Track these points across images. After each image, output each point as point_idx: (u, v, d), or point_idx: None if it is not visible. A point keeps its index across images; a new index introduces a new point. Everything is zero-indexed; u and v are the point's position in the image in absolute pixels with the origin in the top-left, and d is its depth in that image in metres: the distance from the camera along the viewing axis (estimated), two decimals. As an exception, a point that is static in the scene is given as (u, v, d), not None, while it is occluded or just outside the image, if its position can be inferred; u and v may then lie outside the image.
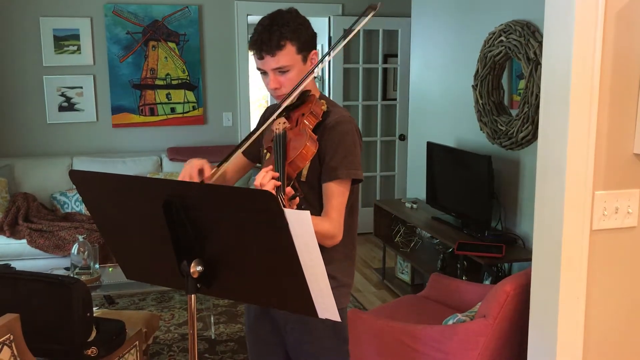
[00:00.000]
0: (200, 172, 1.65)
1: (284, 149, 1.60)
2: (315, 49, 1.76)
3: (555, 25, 1.77)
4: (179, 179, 1.64)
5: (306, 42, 1.70)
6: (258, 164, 1.95)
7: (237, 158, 1.91)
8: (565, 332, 1.82)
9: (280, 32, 1.65)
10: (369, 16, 1.63)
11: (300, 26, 1.69)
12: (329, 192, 1.69)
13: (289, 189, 1.48)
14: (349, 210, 1.75)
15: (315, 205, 1.71)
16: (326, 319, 1.69)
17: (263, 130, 1.69)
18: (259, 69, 1.74)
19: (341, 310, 1.79)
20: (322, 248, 1.67)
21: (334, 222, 1.67)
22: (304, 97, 1.74)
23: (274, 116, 1.69)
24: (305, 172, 1.70)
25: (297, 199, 1.46)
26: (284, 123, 1.68)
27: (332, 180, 1.68)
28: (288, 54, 1.67)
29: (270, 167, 1.54)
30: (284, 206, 1.41)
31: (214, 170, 1.65)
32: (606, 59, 1.71)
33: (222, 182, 1.88)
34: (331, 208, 1.68)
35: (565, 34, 1.71)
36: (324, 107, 1.72)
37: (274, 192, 1.44)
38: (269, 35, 1.65)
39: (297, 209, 1.43)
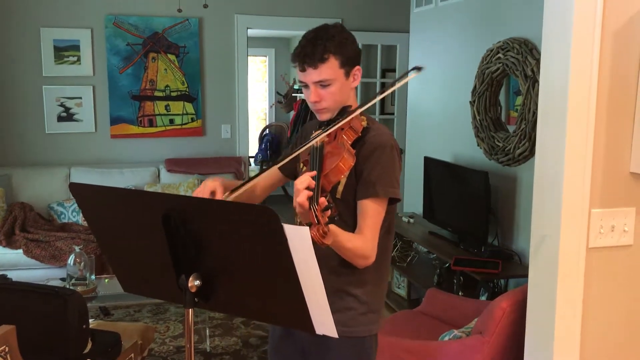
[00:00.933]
0: (212, 194, 1.61)
1: (320, 161, 1.56)
2: (359, 64, 1.73)
3: (553, 43, 1.79)
4: None
5: (350, 57, 1.68)
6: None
7: (272, 173, 1.88)
8: (562, 349, 1.82)
9: (324, 46, 1.63)
10: (411, 76, 1.65)
11: (345, 41, 1.67)
12: (365, 210, 1.63)
13: (322, 200, 1.41)
14: (384, 231, 1.70)
15: (350, 223, 1.65)
16: (352, 346, 1.67)
17: (303, 148, 1.64)
18: (300, 81, 1.70)
19: (369, 338, 1.74)
20: (353, 269, 1.63)
21: (367, 241, 1.60)
22: (344, 112, 1.70)
23: (318, 135, 1.64)
24: (341, 188, 1.66)
25: (330, 210, 1.40)
26: (322, 137, 1.64)
27: (368, 198, 1.62)
28: (331, 68, 1.64)
29: (312, 173, 1.48)
30: (316, 216, 1.37)
31: (226, 194, 1.61)
32: (603, 77, 1.73)
33: (250, 196, 1.84)
34: (366, 226, 1.61)
35: (563, 52, 1.73)
36: (364, 123, 1.68)
37: (307, 201, 1.40)
38: (313, 48, 1.63)
39: (329, 220, 1.39)
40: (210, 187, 1.62)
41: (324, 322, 1.29)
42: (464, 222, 3.85)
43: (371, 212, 1.62)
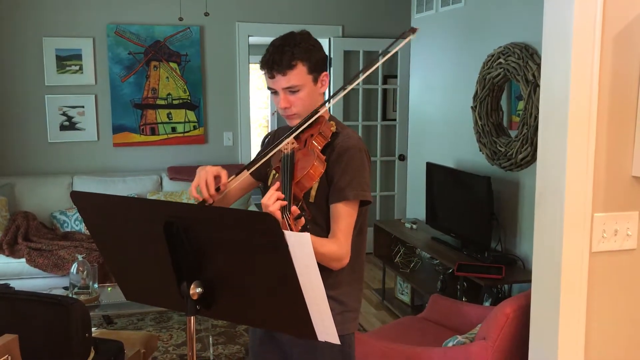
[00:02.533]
0: (217, 178, 1.63)
1: (291, 169, 1.60)
2: (327, 70, 1.77)
3: (553, 48, 1.79)
4: (193, 185, 1.63)
5: (317, 63, 1.72)
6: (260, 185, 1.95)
7: (244, 176, 1.90)
8: (566, 354, 1.81)
9: (292, 52, 1.67)
10: (408, 39, 1.66)
11: (312, 47, 1.71)
12: (337, 214, 1.67)
13: (294, 208, 1.47)
14: (357, 233, 1.74)
15: (323, 227, 1.70)
16: (334, 346, 1.68)
17: (272, 153, 1.68)
18: (269, 88, 1.74)
19: (348, 336, 1.77)
20: (329, 271, 1.66)
21: (341, 244, 1.65)
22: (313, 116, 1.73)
23: (286, 137, 1.68)
24: (313, 192, 1.70)
25: (303, 219, 1.45)
26: (293, 144, 1.68)
27: (340, 202, 1.66)
28: (299, 74, 1.68)
29: (277, 185, 1.53)
30: (289, 225, 1.40)
31: (231, 178, 1.64)
32: (604, 81, 1.73)
33: (223, 199, 1.86)
34: (338, 230, 1.66)
35: (564, 56, 1.73)
36: (333, 129, 1.72)
37: (279, 211, 1.43)
38: (281, 55, 1.67)
39: (302, 229, 1.42)
40: (212, 172, 1.63)
41: (326, 328, 1.29)
42: (467, 228, 3.84)
43: (343, 215, 1.67)
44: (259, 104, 9.14)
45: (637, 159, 1.77)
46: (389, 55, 1.74)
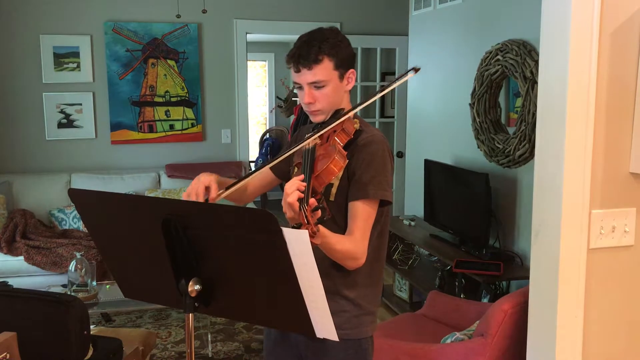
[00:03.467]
0: (207, 190, 1.61)
1: (311, 163, 1.56)
2: (354, 68, 1.74)
3: (551, 44, 1.79)
4: (185, 194, 1.61)
5: (344, 59, 1.70)
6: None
7: (264, 173, 1.88)
8: (564, 350, 1.81)
9: (319, 47, 1.65)
10: (409, 76, 1.66)
11: (340, 43, 1.69)
12: (355, 211, 1.63)
13: (312, 200, 1.41)
14: (377, 234, 1.71)
15: (342, 226, 1.65)
16: (348, 348, 1.67)
17: (295, 149, 1.66)
18: (295, 82, 1.72)
19: (365, 340, 1.74)
20: (346, 271, 1.64)
21: (357, 242, 1.60)
22: (337, 116, 1.71)
23: (309, 137, 1.65)
24: (334, 190, 1.66)
25: (320, 211, 1.40)
26: (315, 139, 1.65)
27: (359, 199, 1.62)
28: (325, 69, 1.66)
29: (300, 177, 1.49)
30: (306, 217, 1.37)
31: (220, 192, 1.62)
32: (601, 78, 1.73)
33: (240, 195, 1.85)
34: (356, 228, 1.61)
35: (561, 53, 1.73)
36: (357, 126, 1.70)
37: (297, 202, 1.40)
38: (308, 49, 1.65)
39: (318, 221, 1.39)
40: (204, 182, 1.62)
41: (324, 325, 1.29)
42: (465, 225, 3.84)
43: (362, 213, 1.62)
44: (257, 102, 9.13)
45: (635, 155, 1.77)
46: (387, 90, 1.73)
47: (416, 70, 1.63)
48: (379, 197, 1.64)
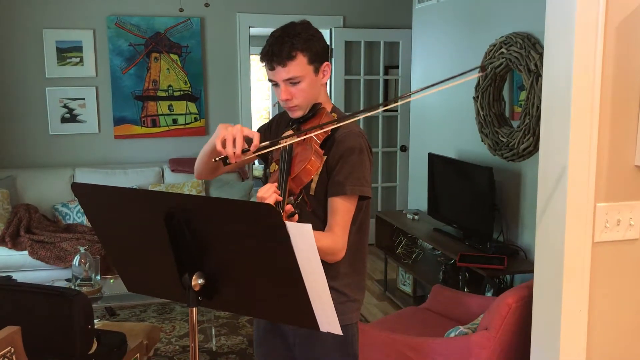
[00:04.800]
0: (248, 140, 1.56)
1: (288, 164, 1.57)
2: (328, 60, 1.73)
3: (556, 37, 1.78)
4: (219, 137, 1.54)
5: (318, 53, 1.68)
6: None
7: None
8: (568, 344, 1.81)
9: (291, 43, 1.63)
10: (474, 75, 1.62)
11: (312, 37, 1.67)
12: (334, 207, 1.65)
13: (288, 207, 1.45)
14: (357, 228, 1.73)
15: (323, 219, 1.68)
16: (336, 335, 1.68)
17: (274, 148, 1.65)
18: (270, 80, 1.71)
19: (351, 326, 1.77)
20: (327, 264, 1.65)
21: (336, 238, 1.63)
22: (315, 110, 1.71)
23: (290, 137, 1.64)
24: (314, 185, 1.67)
25: (296, 216, 1.44)
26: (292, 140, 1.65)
27: (337, 195, 1.64)
28: (299, 65, 1.65)
29: (275, 183, 1.52)
30: None
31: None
32: (607, 71, 1.72)
33: (217, 166, 1.83)
34: (335, 224, 1.64)
35: (566, 46, 1.72)
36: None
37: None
38: (280, 46, 1.64)
39: (300, 217, 1.41)
40: (246, 132, 1.54)
41: (327, 319, 1.29)
42: (468, 219, 3.84)
43: (340, 209, 1.64)
44: (261, 95, 9.12)
45: (640, 148, 1.76)
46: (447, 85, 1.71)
47: (484, 69, 1.59)
48: (356, 193, 1.65)
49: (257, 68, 8.92)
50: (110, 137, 5.27)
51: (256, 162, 7.25)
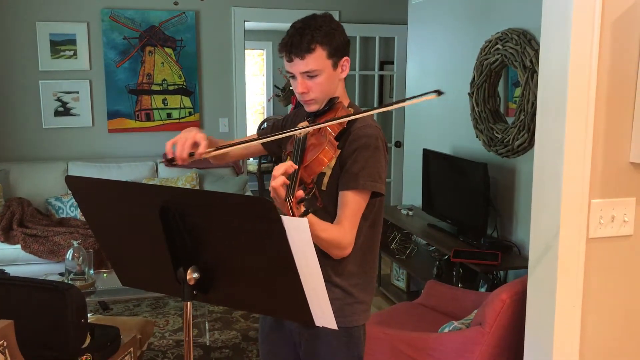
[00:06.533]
0: (194, 145, 1.58)
1: (302, 152, 1.54)
2: (348, 55, 1.70)
3: (552, 34, 1.78)
4: (170, 142, 1.58)
5: (338, 47, 1.65)
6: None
7: (252, 145, 1.87)
8: (562, 339, 1.82)
9: (311, 36, 1.60)
10: (431, 97, 1.60)
11: (334, 31, 1.65)
12: (344, 201, 1.60)
13: (299, 193, 1.39)
14: (370, 225, 1.69)
15: (334, 215, 1.63)
16: (341, 336, 1.67)
17: (286, 134, 1.63)
18: (287, 71, 1.68)
19: (357, 328, 1.74)
20: (336, 262, 1.63)
21: (344, 232, 1.58)
22: (332, 103, 1.69)
23: (302, 126, 1.62)
24: (326, 180, 1.64)
25: (303, 205, 1.39)
26: (307, 130, 1.62)
27: (349, 189, 1.60)
28: (318, 58, 1.62)
29: (290, 163, 1.46)
30: (291, 208, 1.36)
31: (209, 150, 1.59)
32: (602, 67, 1.72)
33: (224, 157, 1.82)
34: (344, 217, 1.59)
35: (562, 42, 1.72)
36: None
37: (283, 189, 1.38)
38: (300, 38, 1.61)
39: (302, 214, 1.38)
40: (194, 137, 1.58)
41: (323, 313, 1.28)
42: (463, 214, 3.84)
43: (351, 203, 1.60)
44: (255, 90, 9.10)
45: (635, 145, 1.76)
46: (405, 103, 1.71)
47: (439, 93, 1.58)
48: (369, 188, 1.61)
49: (252, 63, 8.89)
50: (104, 130, 5.25)
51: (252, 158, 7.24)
